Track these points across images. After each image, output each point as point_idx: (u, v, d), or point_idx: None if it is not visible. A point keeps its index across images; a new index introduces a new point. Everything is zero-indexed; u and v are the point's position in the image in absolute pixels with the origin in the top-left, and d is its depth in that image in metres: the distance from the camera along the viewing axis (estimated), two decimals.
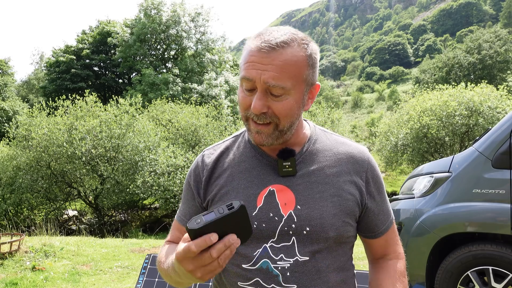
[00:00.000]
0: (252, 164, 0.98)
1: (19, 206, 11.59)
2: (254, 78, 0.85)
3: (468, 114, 11.95)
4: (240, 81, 0.90)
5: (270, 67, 0.84)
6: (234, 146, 1.04)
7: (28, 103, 32.25)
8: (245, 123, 0.93)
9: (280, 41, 0.85)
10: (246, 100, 0.89)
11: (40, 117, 11.46)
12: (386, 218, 1.03)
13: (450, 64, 33.91)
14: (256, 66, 0.85)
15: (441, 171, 2.95)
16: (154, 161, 10.97)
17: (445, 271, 2.75)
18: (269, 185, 0.94)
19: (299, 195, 0.93)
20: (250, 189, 0.95)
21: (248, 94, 0.89)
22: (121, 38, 28.89)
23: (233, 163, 1.00)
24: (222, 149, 1.04)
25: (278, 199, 0.93)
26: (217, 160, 1.02)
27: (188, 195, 1.05)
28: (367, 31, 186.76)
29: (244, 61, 0.89)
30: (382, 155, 15.96)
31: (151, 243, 6.77)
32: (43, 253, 5.36)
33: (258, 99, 0.86)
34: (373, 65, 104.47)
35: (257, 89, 0.87)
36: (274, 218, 0.91)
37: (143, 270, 2.71)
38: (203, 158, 1.04)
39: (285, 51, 0.85)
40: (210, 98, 25.46)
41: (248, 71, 0.86)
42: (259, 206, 0.93)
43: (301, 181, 0.94)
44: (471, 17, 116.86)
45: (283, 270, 0.90)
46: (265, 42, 0.85)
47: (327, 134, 1.05)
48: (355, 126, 42.98)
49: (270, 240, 0.91)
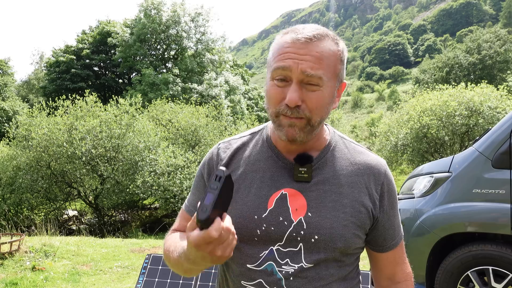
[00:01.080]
0: (267, 165, 0.96)
1: (19, 206, 11.58)
2: (290, 67, 0.84)
3: (468, 114, 11.95)
4: (271, 74, 0.88)
5: (307, 57, 0.84)
6: (251, 143, 1.02)
7: (28, 103, 32.24)
8: (275, 119, 0.89)
9: (316, 33, 0.86)
10: (279, 93, 0.86)
11: (40, 117, 11.45)
12: (395, 233, 1.01)
13: (450, 64, 33.91)
14: (293, 56, 0.84)
15: (441, 171, 2.95)
16: (154, 161, 10.98)
17: (445, 271, 2.75)
18: (282, 188, 0.92)
19: (311, 202, 0.91)
20: (262, 190, 0.93)
21: (281, 85, 0.86)
22: (121, 38, 28.90)
23: (247, 161, 0.98)
24: (238, 145, 1.02)
25: (289, 203, 0.91)
26: (232, 155, 1.00)
27: (199, 186, 1.04)
28: (367, 31, 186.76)
29: (276, 53, 0.87)
30: (382, 155, 15.95)
31: (151, 243, 6.77)
32: (43, 253, 5.36)
33: (294, 90, 0.84)
34: (373, 65, 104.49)
35: (291, 81, 0.85)
36: (283, 223, 0.90)
37: (143, 270, 2.71)
38: (218, 151, 1.02)
39: (321, 43, 0.85)
40: (210, 98, 25.47)
41: (284, 61, 0.85)
42: (269, 208, 0.91)
43: (315, 188, 0.92)
44: (471, 17, 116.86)
45: (287, 275, 0.89)
46: (301, 34, 0.85)
47: (346, 141, 1.02)
48: (355, 126, 42.98)
49: (277, 244, 0.90)
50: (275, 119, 0.89)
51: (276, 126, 0.90)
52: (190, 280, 2.65)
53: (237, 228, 0.88)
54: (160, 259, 2.76)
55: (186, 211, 1.06)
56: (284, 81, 0.86)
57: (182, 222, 1.06)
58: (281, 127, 0.88)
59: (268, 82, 0.90)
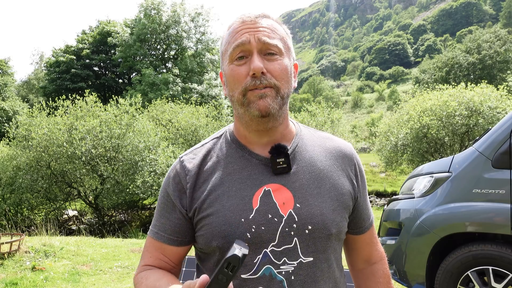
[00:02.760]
0: (241, 165, 0.91)
1: (19, 206, 11.58)
2: (248, 39, 0.85)
3: (468, 114, 11.95)
4: (230, 57, 0.87)
5: (261, 28, 0.86)
6: (216, 148, 0.95)
7: (28, 103, 32.26)
8: (243, 99, 0.86)
9: (261, 13, 0.90)
10: (241, 70, 0.85)
11: (40, 117, 11.45)
12: (369, 213, 1.04)
13: (450, 64, 33.92)
14: (247, 31, 0.86)
15: (441, 171, 2.95)
16: (154, 161, 10.98)
17: (445, 271, 2.75)
18: (263, 185, 0.88)
19: (296, 192, 0.88)
20: (243, 191, 0.87)
21: (242, 63, 0.86)
22: (121, 38, 28.90)
23: (219, 166, 0.91)
24: (204, 153, 0.94)
25: (275, 199, 0.86)
26: (200, 164, 0.92)
27: (167, 207, 0.93)
28: (367, 31, 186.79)
29: (230, 37, 0.88)
30: (382, 155, 15.96)
31: None
32: (43, 253, 5.36)
33: (256, 60, 0.84)
34: (373, 65, 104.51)
35: (251, 55, 0.85)
36: (273, 220, 0.85)
37: None
38: (182, 164, 0.93)
39: (269, 20, 0.90)
40: (210, 98, 25.48)
41: (240, 37, 0.86)
42: (255, 208, 0.85)
43: (296, 178, 0.89)
44: (471, 17, 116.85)
45: (287, 275, 0.85)
46: (248, 15, 0.89)
47: (310, 130, 1.02)
48: (355, 126, 42.98)
49: (271, 244, 0.85)
50: (242, 99, 0.86)
51: (246, 106, 0.86)
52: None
53: (223, 237, 0.84)
54: None
55: (156, 238, 0.94)
56: (244, 58, 0.86)
57: (155, 253, 0.94)
58: (251, 103, 0.85)
59: (226, 70, 0.89)
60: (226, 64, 0.89)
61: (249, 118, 0.87)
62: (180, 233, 0.92)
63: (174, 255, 0.94)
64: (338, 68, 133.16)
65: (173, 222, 0.92)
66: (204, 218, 0.87)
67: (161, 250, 0.94)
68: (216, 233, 0.85)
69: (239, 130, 0.94)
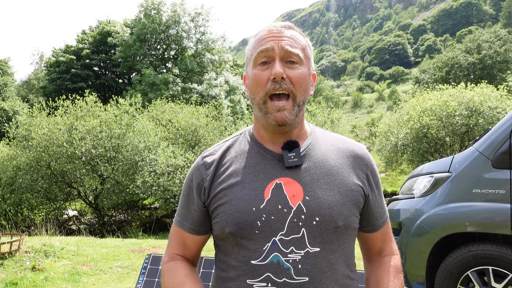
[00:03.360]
0: (256, 159, 0.99)
1: (19, 206, 11.58)
2: (272, 47, 0.93)
3: (468, 114, 11.95)
4: (254, 61, 0.96)
5: (285, 38, 0.95)
6: (235, 144, 1.05)
7: (28, 103, 32.24)
8: (262, 106, 0.94)
9: (286, 24, 0.99)
10: (263, 75, 0.94)
11: (40, 117, 11.45)
12: (383, 212, 1.08)
13: (450, 64, 33.91)
14: (271, 39, 0.94)
15: (441, 171, 2.95)
16: (154, 161, 10.97)
17: (445, 271, 2.75)
18: (275, 178, 0.95)
19: (306, 186, 0.94)
20: (256, 182, 0.95)
21: (265, 68, 0.94)
22: (121, 38, 28.88)
23: (236, 160, 1.00)
24: (224, 149, 1.04)
25: (286, 191, 0.93)
26: (219, 159, 1.02)
27: (189, 198, 1.04)
28: (367, 31, 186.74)
29: (256, 44, 0.97)
30: (382, 155, 15.96)
31: (151, 243, 6.77)
32: (43, 253, 5.35)
33: (278, 65, 0.92)
34: (373, 65, 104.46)
35: (273, 61, 0.93)
36: (283, 210, 0.91)
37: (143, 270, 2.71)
38: (203, 159, 1.04)
39: (292, 31, 0.99)
40: (210, 98, 25.46)
41: (265, 44, 0.94)
42: (266, 198, 0.93)
43: (307, 173, 0.96)
44: (471, 17, 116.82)
45: (294, 263, 0.90)
46: (273, 26, 0.97)
47: (325, 132, 1.09)
48: (355, 126, 42.97)
49: (279, 233, 0.90)
50: (262, 106, 0.94)
51: (264, 114, 0.94)
52: None
53: (236, 224, 0.92)
54: (160, 259, 2.76)
55: (179, 226, 1.06)
56: (267, 64, 0.94)
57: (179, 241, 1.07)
58: (269, 113, 0.93)
59: (250, 73, 0.97)
60: (250, 68, 0.98)
61: (266, 123, 0.96)
62: (199, 223, 1.03)
63: (194, 243, 1.06)
64: (338, 68, 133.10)
65: (193, 214, 1.03)
66: (219, 206, 0.96)
67: (183, 238, 1.06)
68: (230, 220, 0.93)
69: (257, 129, 1.03)
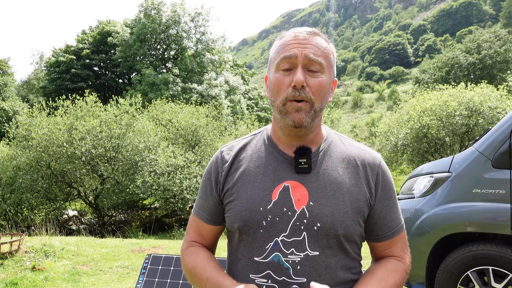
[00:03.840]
0: (268, 160, 1.02)
1: (19, 206, 11.58)
2: (295, 54, 0.94)
3: (468, 114, 11.95)
4: (277, 66, 0.98)
5: (309, 45, 0.96)
6: (252, 143, 1.09)
7: (28, 103, 32.24)
8: (282, 108, 0.96)
9: (312, 31, 0.99)
10: (285, 81, 0.96)
11: (40, 117, 11.45)
12: (393, 224, 1.04)
13: (450, 64, 33.91)
14: (297, 46, 0.95)
15: (441, 171, 2.95)
16: (154, 161, 10.97)
17: (445, 271, 2.75)
18: (284, 180, 0.98)
19: (312, 192, 0.97)
20: (266, 183, 0.99)
21: (286, 74, 0.96)
22: (121, 38, 28.88)
23: (250, 158, 1.04)
24: (240, 146, 1.09)
25: (292, 194, 0.97)
26: (235, 155, 1.06)
27: (206, 190, 1.09)
28: (367, 31, 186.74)
29: (280, 48, 0.98)
30: (382, 155, 15.93)
31: (151, 243, 6.77)
32: (43, 253, 5.35)
33: (300, 73, 0.94)
34: (373, 65, 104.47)
35: (295, 68, 0.95)
36: (287, 213, 0.95)
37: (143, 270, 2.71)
38: (222, 154, 1.09)
39: (317, 37, 0.99)
40: (210, 98, 25.46)
41: (289, 51, 0.95)
42: (273, 200, 0.97)
43: (315, 179, 0.99)
44: (471, 17, 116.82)
45: (294, 264, 0.94)
46: (299, 31, 0.98)
47: (341, 137, 1.11)
48: (355, 126, 42.96)
49: (282, 234, 0.95)
50: (282, 108, 0.96)
51: (283, 115, 0.97)
52: None
53: (243, 221, 0.97)
54: (160, 259, 2.76)
55: (197, 215, 1.12)
56: (289, 70, 0.96)
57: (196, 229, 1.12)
58: (288, 114, 0.96)
59: (272, 77, 0.99)
60: (272, 71, 1.00)
61: (283, 125, 0.98)
62: (215, 214, 1.08)
63: (210, 233, 1.11)
64: (338, 68, 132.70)
65: (210, 204, 1.08)
66: (230, 202, 1.02)
67: (200, 227, 1.11)
68: (238, 216, 0.98)
69: (275, 131, 1.06)
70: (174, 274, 2.66)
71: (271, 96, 1.00)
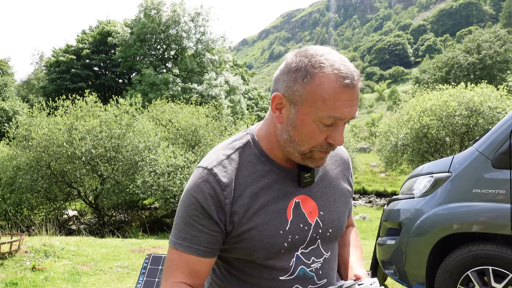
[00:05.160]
0: (271, 179, 0.96)
1: (19, 206, 11.57)
2: (344, 116, 0.86)
3: (468, 114, 11.96)
4: (320, 118, 0.86)
5: (355, 102, 0.87)
6: (244, 160, 0.96)
7: (28, 103, 32.24)
8: (307, 153, 0.91)
9: (358, 73, 0.87)
10: (322, 134, 0.88)
11: (40, 117, 11.44)
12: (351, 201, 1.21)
13: (450, 64, 33.93)
14: (348, 104, 0.85)
15: (441, 171, 2.94)
16: (154, 161, 10.97)
17: (445, 271, 2.75)
18: (293, 197, 0.97)
19: (319, 201, 1.00)
20: (277, 204, 0.95)
21: (326, 129, 0.88)
22: (121, 38, 28.89)
23: (251, 180, 0.94)
24: (234, 165, 0.94)
25: (303, 209, 0.98)
26: (234, 178, 0.93)
27: (201, 220, 0.91)
28: (367, 31, 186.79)
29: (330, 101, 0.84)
30: (382, 155, 15.97)
31: (151, 243, 6.77)
32: (43, 253, 5.36)
33: (342, 135, 0.89)
34: (373, 65, 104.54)
35: (337, 125, 0.88)
36: (304, 228, 0.97)
37: (143, 270, 2.71)
38: (216, 177, 0.91)
39: (359, 83, 0.88)
40: (210, 98, 25.48)
41: (341, 111, 0.85)
42: (289, 219, 0.95)
43: (317, 188, 1.01)
44: (471, 17, 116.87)
45: (316, 270, 0.99)
46: (349, 79, 0.84)
47: None
48: (355, 126, 42.97)
49: (300, 248, 0.97)
50: (307, 153, 0.91)
51: (305, 158, 0.92)
52: None
53: (265, 249, 0.93)
54: (160, 259, 2.76)
55: (188, 252, 0.92)
56: (331, 125, 0.88)
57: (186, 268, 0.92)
58: (312, 159, 0.93)
59: (307, 121, 0.87)
60: (306, 113, 0.87)
61: (297, 160, 0.94)
62: (216, 243, 0.94)
63: (207, 267, 0.95)
64: None
65: (210, 235, 0.92)
66: (245, 232, 0.92)
67: (194, 264, 0.93)
68: (259, 245, 0.93)
69: (271, 146, 0.97)
70: None
71: (295, 137, 0.90)
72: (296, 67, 0.87)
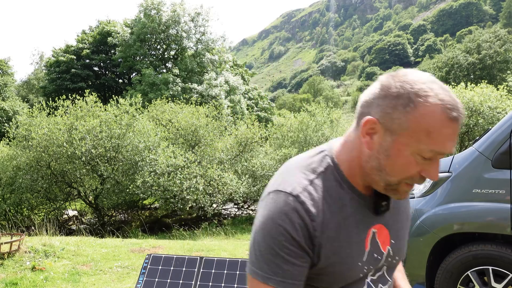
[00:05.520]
0: (353, 207, 0.91)
1: (19, 206, 11.57)
2: (446, 151, 0.82)
3: (468, 114, 11.95)
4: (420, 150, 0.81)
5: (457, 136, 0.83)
6: (326, 187, 0.90)
7: (28, 103, 32.23)
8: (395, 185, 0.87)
9: (461, 105, 0.82)
10: (417, 167, 0.83)
11: (40, 117, 11.44)
12: None
13: (450, 64, 33.92)
14: (451, 138, 0.80)
15: (441, 171, 2.95)
16: (154, 161, 10.97)
17: (445, 271, 2.75)
18: (370, 227, 0.94)
19: (391, 230, 0.99)
20: (358, 235, 0.91)
21: (423, 162, 0.82)
22: (121, 38, 28.90)
23: (334, 208, 0.89)
24: (320, 194, 0.88)
25: (378, 239, 0.96)
26: (321, 207, 0.87)
27: (293, 253, 0.84)
28: (367, 31, 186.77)
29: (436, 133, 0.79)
30: None
31: (151, 243, 6.77)
32: (43, 253, 5.36)
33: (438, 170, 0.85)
34: (373, 65, 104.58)
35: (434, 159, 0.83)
36: (377, 258, 0.96)
37: (143, 270, 2.72)
38: (304, 206, 0.85)
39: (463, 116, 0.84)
40: (210, 98, 25.48)
41: (445, 144, 0.80)
42: (367, 250, 0.93)
43: (389, 215, 0.98)
44: (471, 17, 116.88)
45: None
46: (456, 111, 0.79)
47: None
48: None
49: (370, 275, 0.96)
50: (394, 185, 0.87)
51: (391, 189, 0.88)
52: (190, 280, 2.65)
53: (345, 280, 0.92)
54: (160, 259, 2.76)
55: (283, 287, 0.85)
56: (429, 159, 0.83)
57: None
58: (396, 191, 0.88)
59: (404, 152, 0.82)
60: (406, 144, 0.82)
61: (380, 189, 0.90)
62: (305, 276, 0.89)
63: None
64: (338, 68, 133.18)
65: (302, 267, 0.86)
66: (329, 265, 0.89)
67: None
68: (339, 278, 0.92)
69: (353, 173, 0.91)
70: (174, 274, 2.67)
71: (387, 166, 0.84)
72: (397, 93, 0.81)
